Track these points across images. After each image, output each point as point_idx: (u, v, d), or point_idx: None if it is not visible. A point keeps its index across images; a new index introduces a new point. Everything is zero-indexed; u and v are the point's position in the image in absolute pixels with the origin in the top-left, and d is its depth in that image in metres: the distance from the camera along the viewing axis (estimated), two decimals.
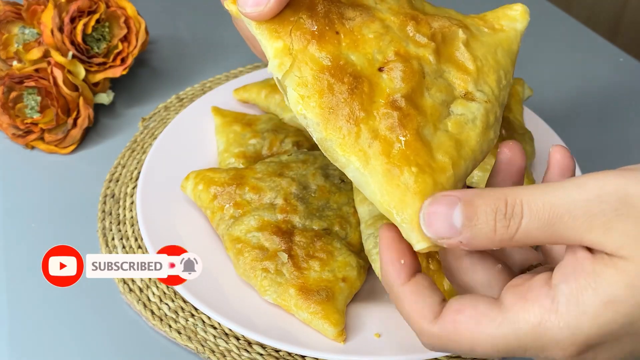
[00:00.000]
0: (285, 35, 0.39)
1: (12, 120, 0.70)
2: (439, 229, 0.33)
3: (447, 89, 0.40)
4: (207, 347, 0.53)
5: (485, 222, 0.32)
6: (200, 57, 0.87)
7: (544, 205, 0.32)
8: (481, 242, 0.33)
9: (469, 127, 0.39)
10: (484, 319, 0.33)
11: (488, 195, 0.33)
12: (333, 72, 0.38)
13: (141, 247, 0.60)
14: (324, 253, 0.54)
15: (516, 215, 0.32)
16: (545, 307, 0.32)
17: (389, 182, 0.36)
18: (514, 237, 0.32)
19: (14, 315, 0.55)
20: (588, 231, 0.31)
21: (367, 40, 0.40)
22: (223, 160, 0.65)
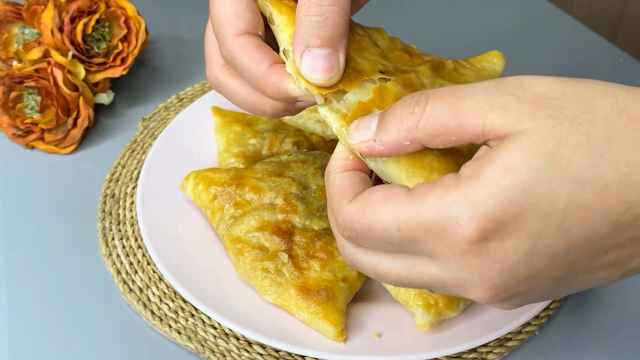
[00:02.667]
0: None
1: (12, 120, 0.70)
2: (358, 135, 0.36)
3: None
4: (207, 347, 0.53)
5: (392, 114, 0.34)
6: (200, 57, 0.87)
7: (448, 92, 0.33)
8: (391, 135, 0.34)
9: None
10: (391, 196, 0.34)
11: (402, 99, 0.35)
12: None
13: (141, 247, 0.60)
14: (324, 253, 0.54)
15: (420, 102, 0.34)
16: (448, 186, 0.32)
17: (415, 164, 0.37)
18: (419, 123, 0.33)
19: (14, 315, 0.55)
20: (490, 112, 0.32)
21: (372, 53, 0.42)
22: (223, 160, 0.65)
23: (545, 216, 0.30)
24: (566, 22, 0.98)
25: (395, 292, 0.51)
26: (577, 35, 0.95)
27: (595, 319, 0.56)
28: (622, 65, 0.90)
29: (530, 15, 1.00)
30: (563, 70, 0.87)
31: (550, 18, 0.99)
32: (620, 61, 0.90)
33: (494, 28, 0.96)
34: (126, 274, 0.58)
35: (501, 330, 0.50)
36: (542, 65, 0.88)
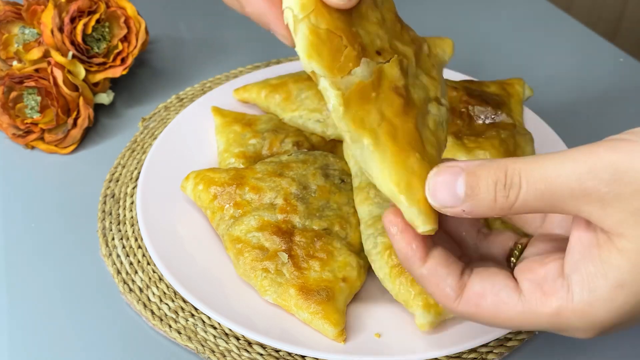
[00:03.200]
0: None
1: (12, 120, 0.70)
2: (443, 197, 0.35)
3: (424, 90, 0.41)
4: (207, 347, 0.53)
5: (487, 192, 0.34)
6: (200, 57, 0.87)
7: (540, 177, 0.33)
8: (482, 210, 0.35)
9: (441, 128, 0.41)
10: (504, 307, 0.36)
11: (489, 166, 0.34)
12: (347, 35, 0.38)
13: (141, 247, 0.60)
14: (324, 253, 0.54)
15: (515, 185, 0.34)
16: (561, 298, 0.34)
17: (398, 164, 0.37)
18: (513, 206, 0.34)
19: (14, 315, 0.55)
20: (585, 204, 0.33)
21: (371, 22, 0.40)
22: (223, 160, 0.65)
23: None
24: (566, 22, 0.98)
25: (395, 292, 0.51)
26: (577, 35, 0.95)
27: None
28: (622, 65, 0.90)
29: (530, 15, 1.00)
30: (563, 70, 0.87)
31: (550, 18, 0.99)
32: (620, 61, 0.90)
33: (494, 28, 0.96)
34: (126, 274, 0.58)
35: (501, 330, 0.50)
36: (542, 65, 0.88)
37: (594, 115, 0.80)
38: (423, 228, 0.36)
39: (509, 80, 0.71)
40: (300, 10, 0.37)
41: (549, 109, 0.78)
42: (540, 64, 0.88)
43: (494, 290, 0.36)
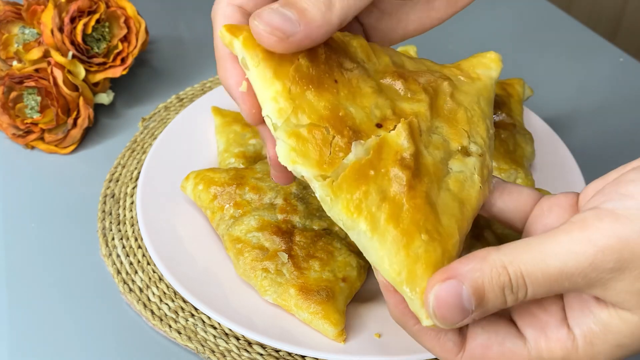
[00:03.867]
0: (285, 78, 0.35)
1: (12, 120, 0.70)
2: (453, 318, 0.34)
3: (444, 145, 0.39)
4: (207, 347, 0.53)
5: (496, 299, 0.34)
6: (200, 57, 0.87)
7: (543, 276, 0.33)
8: (494, 311, 0.35)
9: (469, 184, 0.38)
10: (511, 356, 0.36)
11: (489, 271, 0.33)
12: (333, 123, 0.35)
13: (141, 247, 0.60)
14: (324, 253, 0.54)
15: (521, 288, 0.34)
16: (567, 348, 0.35)
17: (399, 251, 0.34)
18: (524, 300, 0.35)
19: (14, 315, 0.55)
20: (589, 289, 0.34)
21: (365, 94, 0.37)
22: (223, 160, 0.65)
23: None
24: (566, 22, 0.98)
25: None
26: (577, 35, 0.95)
27: None
28: (622, 65, 0.90)
29: (530, 15, 1.00)
30: (563, 70, 0.87)
31: (550, 18, 0.99)
32: (620, 61, 0.90)
33: (494, 28, 0.96)
34: (126, 274, 0.58)
35: None
36: (542, 66, 0.88)
37: (594, 115, 0.80)
38: (426, 322, 0.34)
39: (508, 80, 0.71)
40: (277, 116, 0.34)
41: (549, 109, 0.78)
42: (540, 64, 0.88)
43: (498, 339, 0.37)
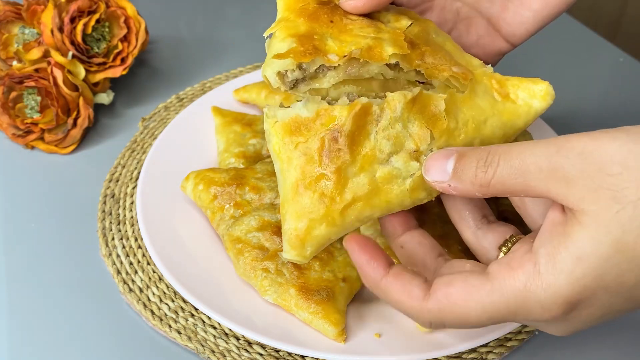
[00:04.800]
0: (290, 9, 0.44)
1: (12, 120, 0.70)
2: (434, 174, 0.40)
3: (398, 140, 0.42)
4: (207, 347, 0.53)
5: (469, 169, 0.38)
6: (200, 57, 0.87)
7: (517, 156, 0.36)
8: (465, 185, 0.38)
9: (396, 182, 0.42)
10: (473, 289, 0.36)
11: (478, 149, 0.38)
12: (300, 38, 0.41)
13: (141, 247, 0.60)
14: (324, 253, 0.54)
15: (493, 163, 0.37)
16: (528, 271, 0.35)
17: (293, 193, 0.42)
18: (491, 183, 0.37)
19: (14, 315, 0.55)
20: (553, 182, 0.35)
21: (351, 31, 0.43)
22: (223, 160, 0.65)
23: (615, 294, 0.35)
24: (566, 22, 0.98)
25: None
26: (577, 35, 0.95)
27: None
28: (622, 65, 0.90)
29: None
30: (563, 70, 0.87)
31: None
32: (620, 61, 0.90)
33: None
34: (126, 274, 0.58)
35: (501, 330, 0.50)
36: (542, 65, 0.88)
37: (594, 115, 0.80)
38: (285, 255, 0.42)
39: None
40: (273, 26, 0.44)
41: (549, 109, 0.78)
42: (541, 64, 0.88)
43: (461, 277, 0.37)
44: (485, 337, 0.50)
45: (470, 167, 0.38)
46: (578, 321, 0.37)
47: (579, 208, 0.34)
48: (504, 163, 0.36)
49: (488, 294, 0.36)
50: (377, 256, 0.40)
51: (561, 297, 0.34)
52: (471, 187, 0.38)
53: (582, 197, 0.34)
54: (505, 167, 0.36)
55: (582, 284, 0.34)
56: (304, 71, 0.41)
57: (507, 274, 0.36)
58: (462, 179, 0.38)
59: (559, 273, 0.34)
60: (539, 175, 0.35)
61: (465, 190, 0.38)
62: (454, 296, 0.37)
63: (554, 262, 0.34)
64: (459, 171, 0.38)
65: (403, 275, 0.39)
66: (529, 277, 0.35)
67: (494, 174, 0.37)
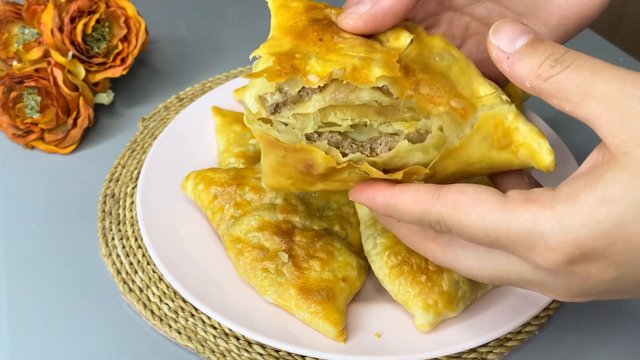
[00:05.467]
0: (279, 27, 0.41)
1: (12, 120, 0.70)
2: (502, 40, 0.36)
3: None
4: (207, 347, 0.53)
5: (539, 55, 0.34)
6: (200, 57, 0.87)
7: (592, 66, 0.33)
8: (523, 68, 0.35)
9: None
10: (481, 202, 0.34)
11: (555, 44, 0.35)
12: (280, 57, 0.38)
13: (141, 247, 0.60)
14: (324, 253, 0.54)
15: (565, 62, 0.34)
16: (543, 204, 0.32)
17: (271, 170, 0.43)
18: (549, 80, 0.34)
19: (14, 315, 0.55)
20: (609, 110, 0.32)
21: (340, 50, 0.39)
22: (223, 160, 0.65)
23: (636, 250, 0.31)
24: None
25: (395, 292, 0.51)
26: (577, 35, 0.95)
27: (595, 319, 0.56)
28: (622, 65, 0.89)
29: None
30: None
31: None
32: (620, 61, 0.90)
33: None
34: (126, 274, 0.58)
35: (501, 330, 0.50)
36: None
37: None
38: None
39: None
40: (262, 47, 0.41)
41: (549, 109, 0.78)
42: None
43: (476, 189, 0.35)
44: (485, 337, 0.50)
45: (542, 54, 0.34)
46: (585, 279, 0.33)
47: (624, 149, 0.31)
48: (575, 67, 0.33)
49: (493, 211, 0.34)
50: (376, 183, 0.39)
51: (572, 237, 0.31)
52: (528, 73, 0.35)
53: (632, 137, 0.30)
54: (573, 72, 0.33)
55: (601, 228, 0.30)
56: (285, 94, 0.38)
57: (520, 202, 0.33)
58: (524, 60, 0.35)
59: (576, 211, 0.31)
60: (601, 96, 0.32)
61: (518, 74, 0.35)
62: (460, 203, 0.35)
63: (574, 199, 0.31)
64: (526, 52, 0.35)
65: (409, 185, 0.37)
66: (541, 209, 0.32)
67: (559, 72, 0.34)
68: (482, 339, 0.50)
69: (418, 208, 0.37)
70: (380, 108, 0.38)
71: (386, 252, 0.52)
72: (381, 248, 0.53)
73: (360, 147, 0.39)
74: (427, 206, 0.36)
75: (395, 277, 0.51)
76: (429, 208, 0.36)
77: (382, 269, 0.52)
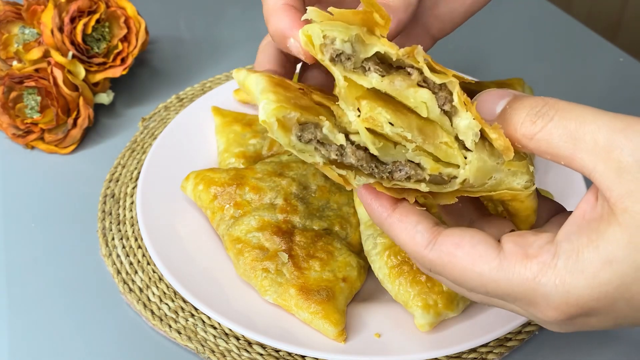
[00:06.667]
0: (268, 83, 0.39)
1: (12, 120, 0.70)
2: (483, 109, 0.35)
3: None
4: (207, 347, 0.53)
5: (519, 114, 0.34)
6: (200, 57, 0.87)
7: (575, 117, 0.32)
8: (508, 130, 0.34)
9: None
10: (480, 261, 0.34)
11: (534, 97, 0.34)
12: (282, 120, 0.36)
13: (141, 247, 0.60)
14: (324, 253, 0.54)
15: (546, 116, 0.33)
16: (544, 262, 0.32)
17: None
18: (536, 135, 0.33)
19: (14, 314, 0.55)
20: (602, 162, 0.31)
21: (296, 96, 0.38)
22: (223, 160, 0.65)
23: (637, 308, 0.31)
24: (566, 22, 0.98)
25: (395, 292, 0.51)
26: (577, 35, 0.95)
27: None
28: (622, 65, 0.90)
29: (530, 15, 1.00)
30: (563, 70, 0.87)
31: (550, 18, 0.99)
32: (620, 61, 0.90)
33: (494, 28, 0.96)
34: (126, 274, 0.58)
35: (501, 330, 0.50)
36: (542, 66, 0.88)
37: None
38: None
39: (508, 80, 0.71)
40: None
41: None
42: (540, 64, 0.88)
43: (473, 242, 0.34)
44: (485, 337, 0.50)
45: (521, 112, 0.34)
46: (583, 325, 0.33)
47: (622, 205, 0.30)
48: (558, 120, 0.32)
49: (493, 271, 0.33)
50: (383, 195, 0.37)
51: (575, 299, 0.31)
52: (513, 134, 0.34)
53: (630, 192, 0.30)
54: (558, 125, 0.32)
55: (604, 290, 0.30)
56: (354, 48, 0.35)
57: (520, 259, 0.32)
58: (507, 122, 0.34)
59: (579, 272, 0.30)
60: (592, 149, 0.31)
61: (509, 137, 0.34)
62: (458, 260, 0.34)
63: (576, 259, 0.31)
64: (507, 113, 0.34)
65: (409, 217, 0.36)
66: (543, 268, 0.31)
67: (542, 128, 0.33)
68: (482, 339, 0.50)
69: (412, 248, 0.36)
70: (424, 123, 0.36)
71: (386, 252, 0.52)
72: (381, 248, 0.53)
73: (381, 170, 0.37)
74: (422, 253, 0.36)
75: (395, 277, 0.51)
76: (422, 255, 0.36)
77: (382, 269, 0.52)
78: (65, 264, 0.60)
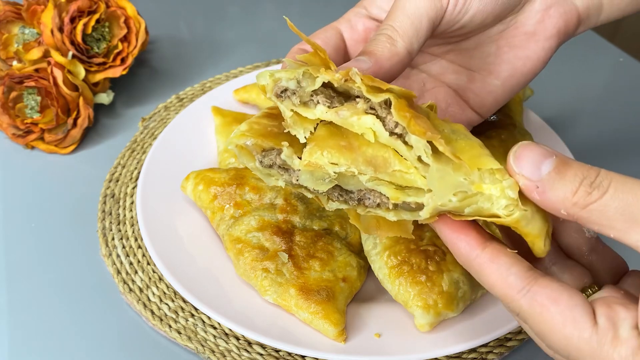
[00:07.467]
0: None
1: (12, 120, 0.70)
2: (526, 167, 0.34)
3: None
4: (207, 347, 0.53)
5: (571, 182, 0.33)
6: (200, 57, 0.87)
7: (631, 189, 0.31)
8: (556, 196, 0.33)
9: None
10: (572, 325, 0.33)
11: (584, 165, 0.33)
12: None
13: (141, 247, 0.60)
14: (324, 253, 0.54)
15: (601, 187, 0.32)
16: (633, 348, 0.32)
17: None
18: (589, 207, 0.32)
19: (14, 315, 0.55)
20: None
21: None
22: (223, 160, 0.65)
23: None
24: None
25: (395, 292, 0.51)
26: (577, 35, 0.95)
27: None
28: (622, 65, 0.90)
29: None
30: (563, 70, 0.87)
31: None
32: (620, 61, 0.90)
33: None
34: (126, 274, 0.58)
35: (501, 330, 0.50)
36: None
37: (594, 115, 0.80)
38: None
39: None
40: None
41: (549, 109, 0.78)
42: None
43: (570, 303, 0.34)
44: (485, 337, 0.50)
45: (573, 179, 0.33)
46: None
47: None
48: (614, 192, 0.32)
49: (583, 341, 0.33)
50: (468, 230, 0.36)
51: None
52: (562, 201, 0.33)
53: None
54: (614, 197, 0.32)
55: None
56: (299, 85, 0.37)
57: (611, 340, 0.33)
58: (556, 188, 0.33)
59: None
60: None
61: (551, 202, 0.33)
62: (550, 316, 0.34)
63: None
64: (556, 179, 0.33)
65: (501, 258, 0.35)
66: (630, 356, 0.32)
67: (597, 199, 0.32)
68: (482, 339, 0.50)
69: (503, 291, 0.35)
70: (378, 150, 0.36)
71: (386, 252, 0.52)
72: (381, 248, 0.53)
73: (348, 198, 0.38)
74: (514, 297, 0.35)
75: (395, 277, 0.51)
76: (514, 299, 0.35)
77: (382, 269, 0.52)
78: (65, 264, 0.60)
